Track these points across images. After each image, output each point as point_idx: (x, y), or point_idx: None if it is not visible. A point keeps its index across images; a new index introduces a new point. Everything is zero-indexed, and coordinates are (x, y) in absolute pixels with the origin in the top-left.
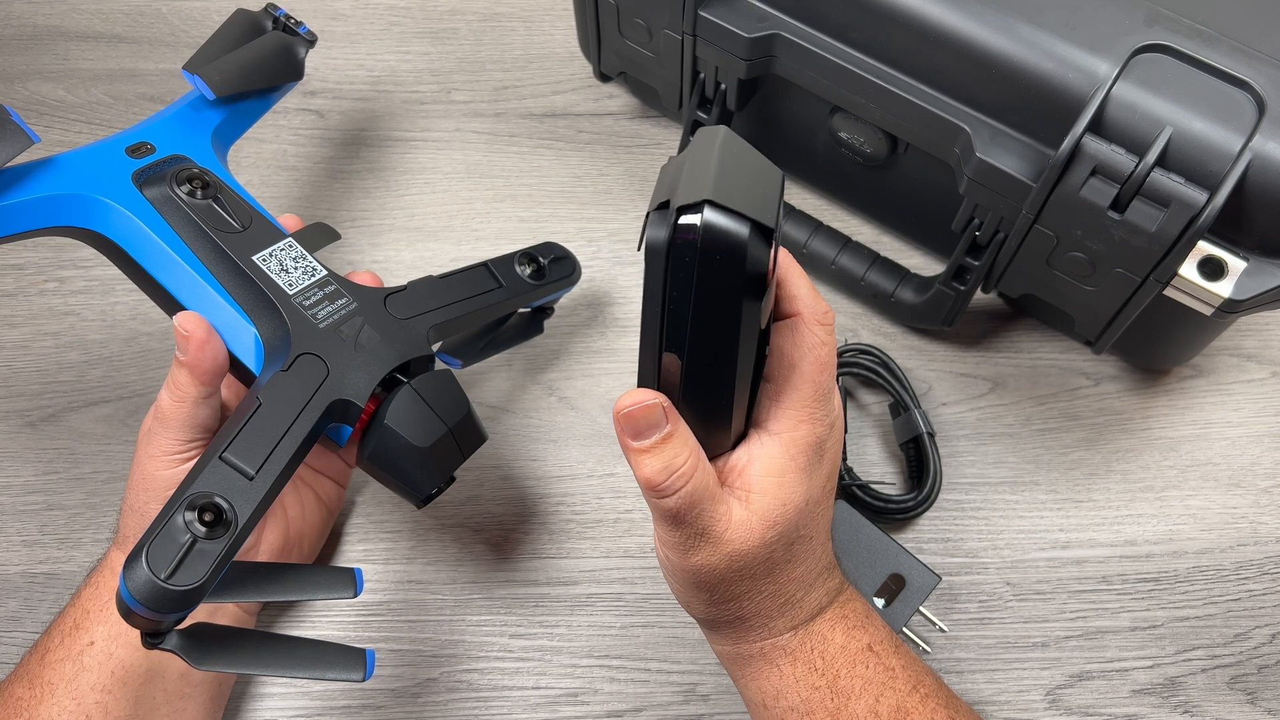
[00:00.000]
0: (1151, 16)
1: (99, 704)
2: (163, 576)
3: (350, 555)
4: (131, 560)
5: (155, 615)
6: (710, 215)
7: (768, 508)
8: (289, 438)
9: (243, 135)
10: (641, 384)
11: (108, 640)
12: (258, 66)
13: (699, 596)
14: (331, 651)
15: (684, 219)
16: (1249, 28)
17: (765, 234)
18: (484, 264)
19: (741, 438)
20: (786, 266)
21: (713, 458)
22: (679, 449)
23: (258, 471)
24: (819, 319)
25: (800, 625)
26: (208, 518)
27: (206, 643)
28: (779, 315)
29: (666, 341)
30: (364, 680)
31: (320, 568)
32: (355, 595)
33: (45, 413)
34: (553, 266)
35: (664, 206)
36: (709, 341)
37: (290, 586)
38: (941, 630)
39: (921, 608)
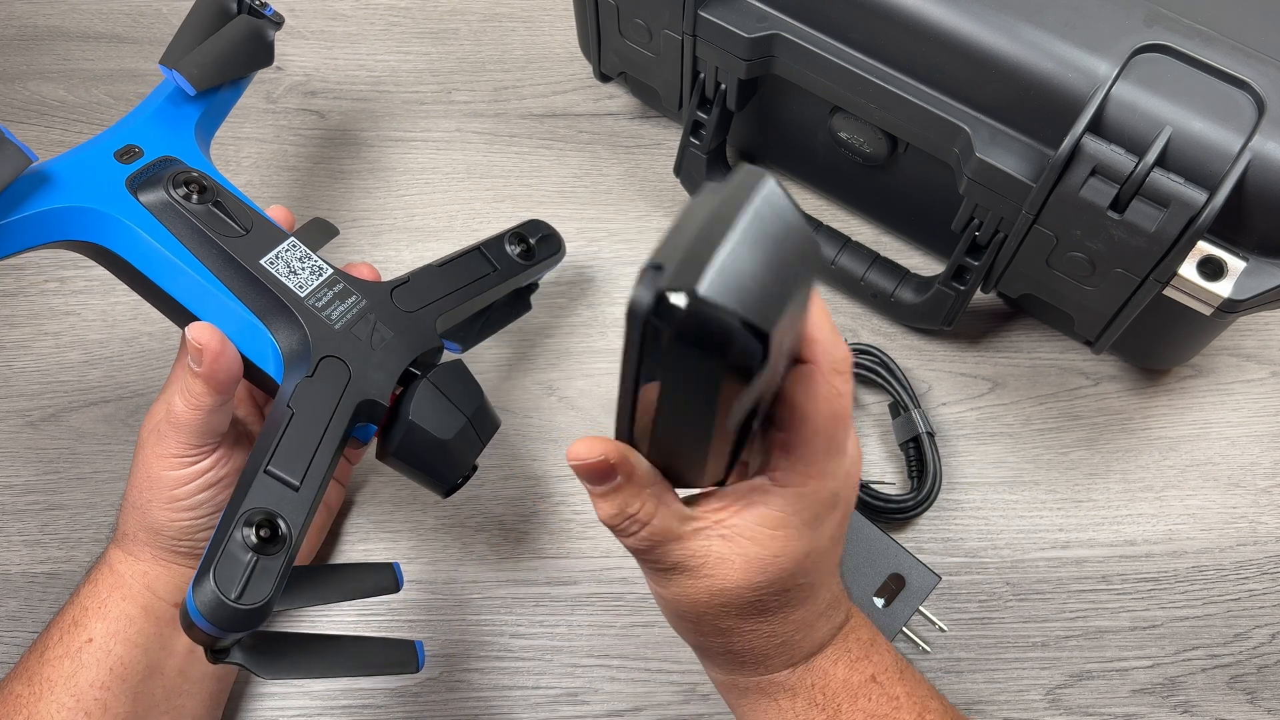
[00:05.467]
0: (1151, 16)
1: (98, 701)
2: (232, 597)
3: (350, 555)
4: (199, 581)
5: (222, 633)
6: (694, 307)
7: (756, 555)
8: (325, 443)
9: (245, 136)
10: (618, 414)
11: (106, 637)
12: (232, 56)
13: (683, 626)
14: (384, 648)
15: (669, 299)
16: (1249, 28)
17: (758, 333)
18: (477, 248)
19: (728, 471)
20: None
21: (691, 486)
22: (631, 499)
23: (302, 481)
24: (836, 367)
25: (799, 663)
26: (264, 533)
27: (270, 653)
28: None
29: (639, 390)
30: (418, 671)
31: (361, 566)
32: (398, 589)
33: (45, 413)
34: (540, 245)
35: (659, 268)
36: (681, 415)
37: (338, 589)
38: (941, 630)
39: (921, 608)
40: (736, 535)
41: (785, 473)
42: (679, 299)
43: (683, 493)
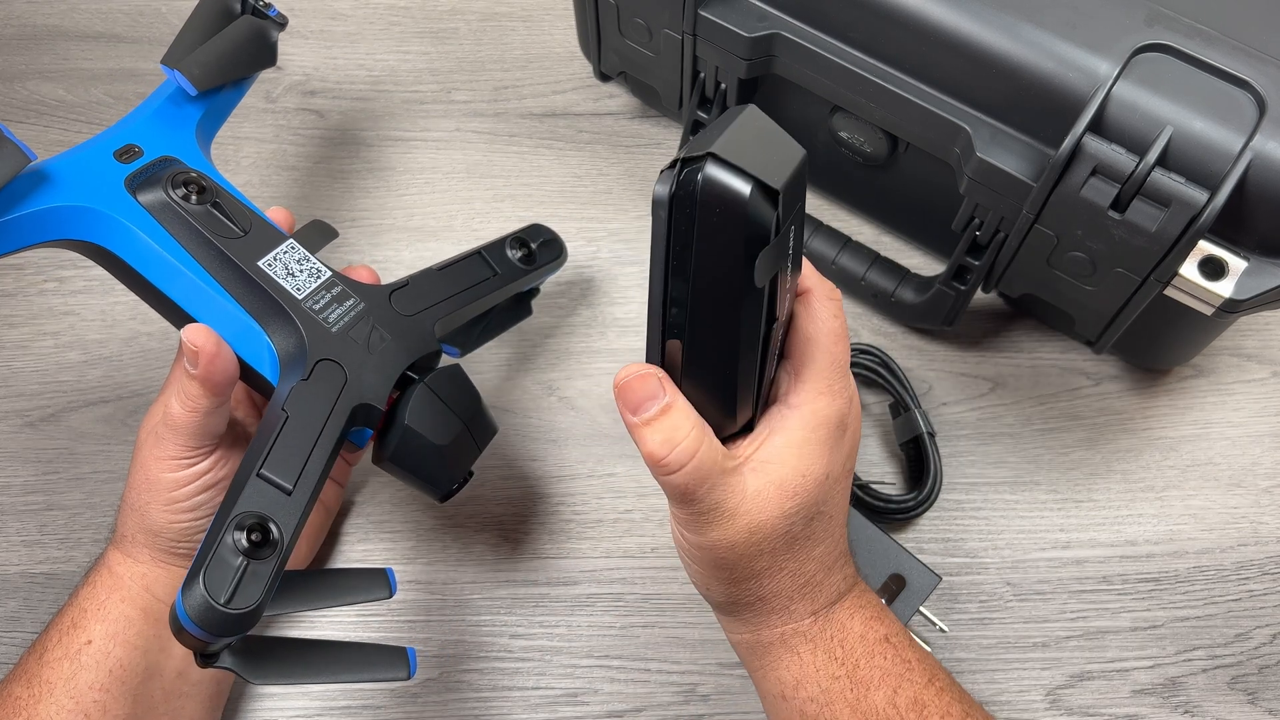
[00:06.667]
0: (1152, 16)
1: (97, 703)
2: (221, 601)
3: (350, 555)
4: (188, 584)
5: (211, 638)
6: (712, 169)
7: (785, 477)
8: (319, 448)
9: (244, 136)
10: (648, 359)
11: (105, 639)
12: (234, 56)
13: (718, 576)
14: (376, 653)
15: (689, 167)
16: (1249, 27)
17: (769, 193)
18: (478, 252)
19: (753, 420)
20: None
21: (724, 438)
22: (679, 421)
23: (295, 485)
24: (829, 294)
25: (821, 611)
26: (255, 537)
27: (259, 657)
28: None
29: (670, 304)
30: (409, 678)
31: (355, 571)
32: (390, 595)
33: (45, 413)
34: (541, 250)
35: (674, 162)
36: (710, 302)
37: (329, 595)
38: (942, 630)
39: (922, 608)
40: (764, 464)
41: (797, 394)
42: (698, 163)
43: None
